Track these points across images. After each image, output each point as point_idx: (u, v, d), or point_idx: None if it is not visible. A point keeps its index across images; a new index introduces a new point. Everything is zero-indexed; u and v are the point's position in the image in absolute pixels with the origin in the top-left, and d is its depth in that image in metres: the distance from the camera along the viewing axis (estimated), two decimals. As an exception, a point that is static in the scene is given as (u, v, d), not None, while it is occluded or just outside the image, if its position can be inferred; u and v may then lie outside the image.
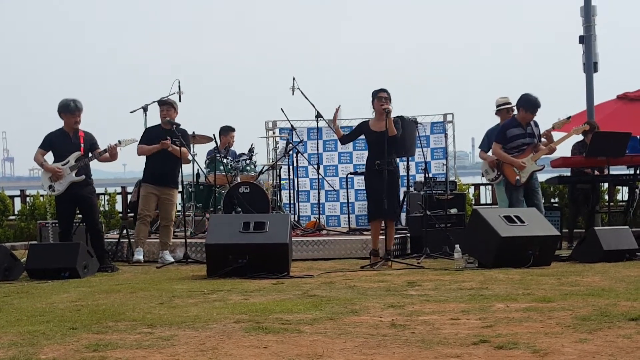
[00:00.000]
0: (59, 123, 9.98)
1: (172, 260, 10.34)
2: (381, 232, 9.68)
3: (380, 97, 9.50)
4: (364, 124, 9.72)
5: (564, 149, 11.48)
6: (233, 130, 12.94)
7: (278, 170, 12.73)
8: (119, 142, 10.14)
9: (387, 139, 9.28)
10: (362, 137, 9.98)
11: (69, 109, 9.84)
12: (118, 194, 14.92)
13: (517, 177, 10.11)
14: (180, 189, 11.09)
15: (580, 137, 11.56)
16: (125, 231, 11.13)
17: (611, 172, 10.87)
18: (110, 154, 10.00)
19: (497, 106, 11.26)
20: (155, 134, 10.54)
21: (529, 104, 10.17)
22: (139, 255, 10.50)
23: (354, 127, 10.09)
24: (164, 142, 10.34)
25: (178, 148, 10.37)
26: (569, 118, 10.58)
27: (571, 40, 13.32)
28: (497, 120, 11.29)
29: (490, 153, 10.73)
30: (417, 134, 10.98)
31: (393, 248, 9.82)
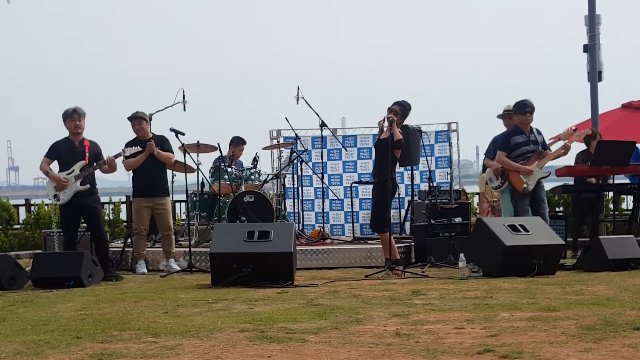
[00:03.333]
0: (64, 132, 10.01)
1: (179, 268, 10.35)
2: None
3: (390, 109, 9.60)
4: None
5: (568, 158, 11.49)
6: (244, 143, 12.95)
7: (282, 179, 12.74)
8: (123, 150, 10.17)
9: (390, 147, 9.32)
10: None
11: (67, 113, 9.89)
12: (122, 203, 14.92)
13: (525, 185, 10.10)
14: (185, 197, 11.11)
15: (584, 146, 11.57)
16: (129, 240, 11.14)
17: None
18: (109, 166, 10.00)
19: (503, 111, 11.27)
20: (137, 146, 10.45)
21: (518, 106, 10.27)
22: (142, 268, 10.50)
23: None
24: (149, 144, 10.34)
25: (162, 152, 10.45)
26: (575, 130, 10.61)
27: (576, 49, 13.34)
28: (502, 127, 11.29)
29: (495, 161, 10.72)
30: (422, 143, 11.00)
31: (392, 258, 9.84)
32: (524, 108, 10.23)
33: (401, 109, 9.66)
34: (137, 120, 10.59)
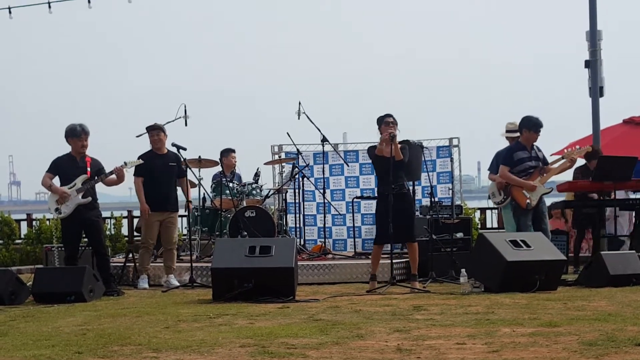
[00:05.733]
0: (65, 147, 10.03)
1: (178, 284, 10.34)
2: (382, 256, 9.76)
3: (387, 122, 9.57)
4: (373, 147, 9.75)
5: (568, 174, 11.51)
6: (233, 151, 12.95)
7: (284, 195, 12.74)
8: (125, 163, 10.16)
9: (392, 163, 9.33)
10: (370, 160, 10.05)
11: (76, 133, 9.90)
12: (124, 217, 14.93)
13: (528, 201, 10.10)
14: (185, 212, 11.13)
15: (582, 162, 11.58)
16: (131, 255, 11.14)
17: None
18: (118, 175, 10.01)
19: (507, 131, 11.30)
20: (150, 159, 10.50)
21: (531, 123, 10.24)
22: (144, 284, 10.49)
23: (368, 155, 10.05)
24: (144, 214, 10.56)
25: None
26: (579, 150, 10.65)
27: (577, 65, 13.36)
28: (505, 143, 11.33)
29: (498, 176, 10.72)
30: (423, 158, 11.00)
31: (397, 272, 9.84)
32: (537, 127, 10.22)
33: (395, 119, 9.65)
34: (156, 131, 10.64)
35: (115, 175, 9.99)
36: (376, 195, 9.98)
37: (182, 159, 10.63)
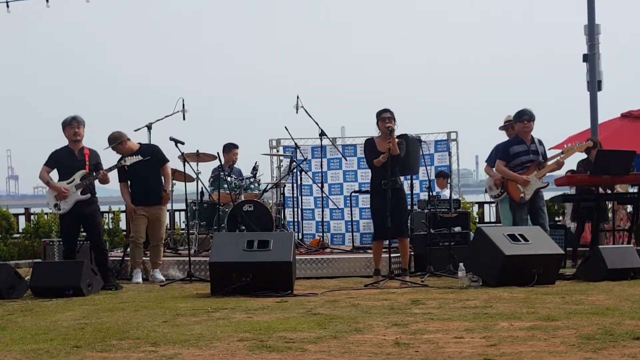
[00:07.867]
0: (63, 141, 10.00)
1: (163, 278, 10.35)
2: (384, 250, 9.74)
3: (384, 118, 9.60)
4: (371, 141, 9.76)
5: (568, 167, 11.50)
6: (236, 147, 12.96)
7: (282, 189, 12.73)
8: (124, 159, 10.15)
9: (390, 158, 9.33)
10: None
11: (67, 121, 9.88)
12: (122, 212, 14.91)
13: (521, 195, 10.11)
14: (184, 206, 11.11)
15: (584, 155, 11.58)
16: (129, 249, 11.12)
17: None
18: (102, 179, 9.96)
19: (505, 122, 11.35)
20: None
21: (517, 113, 10.34)
22: (137, 278, 10.48)
23: (364, 148, 10.01)
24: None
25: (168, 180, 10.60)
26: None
27: (575, 59, 13.36)
28: (503, 137, 11.33)
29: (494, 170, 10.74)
30: (421, 153, 10.99)
31: (397, 266, 9.85)
32: (521, 116, 10.31)
33: (393, 114, 9.67)
34: (113, 144, 10.39)
35: (99, 179, 9.92)
36: (370, 189, 9.95)
37: (157, 150, 10.63)
